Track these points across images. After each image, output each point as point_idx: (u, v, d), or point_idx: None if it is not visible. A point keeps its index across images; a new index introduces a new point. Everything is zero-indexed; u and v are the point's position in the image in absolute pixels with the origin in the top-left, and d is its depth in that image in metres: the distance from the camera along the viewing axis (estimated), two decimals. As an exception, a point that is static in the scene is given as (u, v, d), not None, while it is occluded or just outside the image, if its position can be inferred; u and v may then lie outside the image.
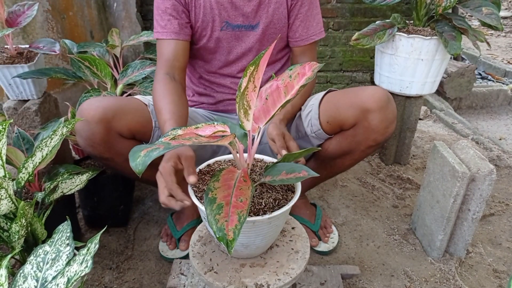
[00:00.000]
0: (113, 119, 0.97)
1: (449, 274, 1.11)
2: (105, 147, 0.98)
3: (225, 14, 1.07)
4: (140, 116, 1.04)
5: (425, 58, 1.40)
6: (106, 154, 1.01)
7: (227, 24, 1.08)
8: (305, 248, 0.81)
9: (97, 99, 1.01)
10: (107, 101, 0.99)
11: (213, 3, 1.05)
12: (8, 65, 1.14)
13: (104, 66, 1.19)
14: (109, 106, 0.97)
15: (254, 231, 0.71)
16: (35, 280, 0.66)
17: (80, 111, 0.97)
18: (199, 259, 0.81)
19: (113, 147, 0.99)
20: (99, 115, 0.95)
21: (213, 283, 0.75)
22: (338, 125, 1.05)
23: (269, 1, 1.08)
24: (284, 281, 0.74)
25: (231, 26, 1.09)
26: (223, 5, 1.06)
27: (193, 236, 0.89)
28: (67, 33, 1.79)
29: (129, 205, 1.34)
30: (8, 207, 0.79)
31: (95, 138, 0.96)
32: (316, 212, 1.27)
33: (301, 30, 1.12)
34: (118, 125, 0.98)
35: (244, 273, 0.77)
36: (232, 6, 1.06)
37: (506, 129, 2.23)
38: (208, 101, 1.23)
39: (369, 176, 1.60)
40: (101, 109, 0.95)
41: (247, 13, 1.08)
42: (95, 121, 0.95)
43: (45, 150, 0.88)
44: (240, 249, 0.75)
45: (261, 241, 0.74)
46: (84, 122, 0.95)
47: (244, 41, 1.12)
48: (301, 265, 0.77)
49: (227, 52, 1.13)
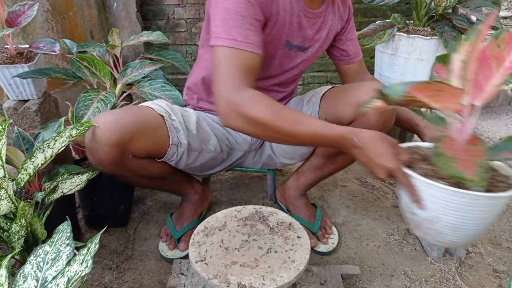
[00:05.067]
0: (129, 142, 0.92)
1: (449, 274, 1.11)
2: (117, 166, 0.96)
3: (290, 34, 1.03)
4: (157, 135, 0.99)
5: (425, 58, 1.40)
6: (117, 172, 0.99)
7: (288, 44, 1.05)
8: (302, 260, 0.80)
9: (113, 117, 0.91)
10: (124, 121, 0.92)
11: (286, 21, 1.00)
12: (8, 65, 1.14)
13: (103, 66, 1.19)
14: (127, 128, 0.91)
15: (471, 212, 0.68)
16: (35, 280, 0.66)
17: (94, 129, 0.90)
18: (196, 248, 0.82)
19: (126, 166, 0.98)
20: (116, 139, 0.89)
21: (200, 273, 0.76)
22: (336, 122, 1.05)
23: (325, 26, 1.09)
24: (268, 287, 0.74)
25: (290, 46, 1.06)
26: (292, 24, 1.02)
27: (199, 226, 0.90)
28: (67, 33, 1.79)
29: (129, 205, 1.34)
30: (8, 207, 0.79)
31: (109, 160, 0.93)
32: (316, 213, 1.27)
33: (353, 48, 1.18)
34: (135, 147, 0.94)
35: (232, 270, 0.77)
36: (299, 27, 1.04)
37: (506, 129, 2.23)
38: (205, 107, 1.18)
39: (369, 176, 1.60)
40: (118, 132, 0.90)
41: (307, 36, 1.07)
42: (111, 144, 0.90)
43: (48, 151, 0.87)
44: (446, 231, 0.72)
45: (473, 227, 0.70)
46: (97, 143, 0.90)
47: (292, 60, 1.10)
48: (292, 275, 0.76)
49: (274, 68, 1.10)
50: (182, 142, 1.04)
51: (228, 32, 0.86)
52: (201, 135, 1.09)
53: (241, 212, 0.96)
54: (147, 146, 0.98)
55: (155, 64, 1.29)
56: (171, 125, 1.02)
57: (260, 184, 1.54)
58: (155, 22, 2.27)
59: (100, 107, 1.06)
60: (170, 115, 1.03)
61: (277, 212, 0.96)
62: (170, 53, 1.55)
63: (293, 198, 1.27)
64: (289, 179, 1.30)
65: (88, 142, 0.93)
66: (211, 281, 0.75)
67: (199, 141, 1.08)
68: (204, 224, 0.90)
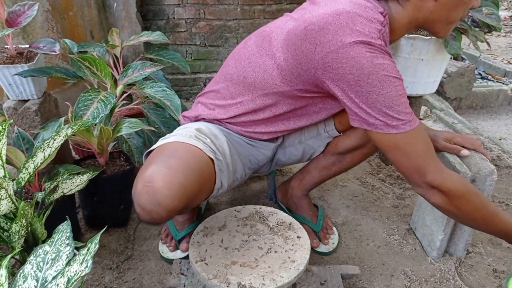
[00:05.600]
0: (185, 207, 0.83)
1: (449, 274, 1.11)
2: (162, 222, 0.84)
3: None
4: (210, 186, 0.92)
5: (425, 58, 1.40)
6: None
7: None
8: (303, 260, 0.80)
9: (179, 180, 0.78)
10: (188, 183, 0.80)
11: None
12: (8, 65, 1.14)
13: (104, 66, 1.19)
14: (193, 193, 0.82)
15: None
16: (35, 280, 0.66)
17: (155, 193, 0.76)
18: (196, 248, 0.82)
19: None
20: (183, 205, 0.80)
21: (200, 273, 0.76)
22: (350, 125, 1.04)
23: None
24: (268, 287, 0.74)
25: None
26: None
27: (199, 226, 0.90)
28: (67, 33, 1.79)
29: (129, 205, 1.34)
30: (8, 207, 0.79)
31: (159, 219, 0.80)
32: (318, 213, 1.27)
33: None
34: (193, 205, 0.89)
35: (232, 270, 0.77)
36: None
37: (506, 129, 2.23)
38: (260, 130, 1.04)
39: (369, 176, 1.60)
40: (185, 199, 0.79)
41: None
42: (176, 210, 0.79)
43: (47, 151, 0.88)
44: None
45: None
46: (160, 208, 0.77)
47: None
48: (292, 275, 0.76)
49: None
50: (224, 185, 0.96)
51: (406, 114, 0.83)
52: (233, 168, 1.01)
53: (241, 212, 0.96)
54: (202, 199, 0.92)
55: (156, 66, 1.29)
56: (218, 170, 0.93)
57: (260, 184, 1.54)
58: (155, 22, 2.27)
59: (100, 107, 1.06)
60: (216, 154, 0.94)
61: (277, 212, 0.96)
62: (170, 53, 1.55)
63: (296, 198, 1.27)
64: (292, 178, 1.30)
65: (145, 204, 0.78)
66: (211, 281, 0.75)
67: (233, 176, 1.02)
68: (204, 224, 0.91)
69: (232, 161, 1.00)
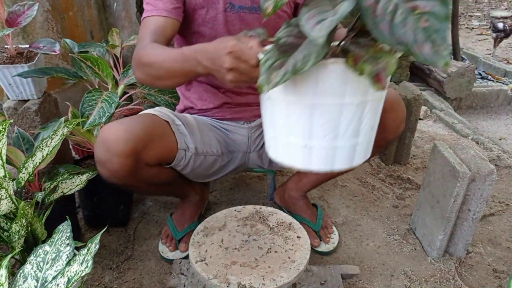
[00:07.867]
0: (143, 150, 0.90)
1: (449, 274, 1.11)
2: (130, 177, 0.93)
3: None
4: (166, 141, 0.99)
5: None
6: (129, 182, 0.97)
7: (230, 5, 0.97)
8: (303, 260, 0.80)
9: (123, 127, 0.89)
10: (135, 130, 0.89)
11: None
12: (8, 65, 1.14)
13: (105, 66, 1.19)
14: (139, 136, 0.89)
15: None
16: (35, 280, 0.66)
17: (105, 141, 0.87)
18: (196, 248, 0.82)
19: (139, 176, 0.96)
20: (130, 148, 0.87)
21: (200, 273, 0.76)
22: None
23: None
24: (268, 287, 0.74)
25: (233, 7, 0.97)
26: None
27: (199, 226, 0.90)
28: (67, 33, 1.79)
29: (129, 205, 1.34)
30: (8, 207, 0.79)
31: (122, 171, 0.89)
32: (317, 213, 1.27)
33: None
34: (147, 156, 0.92)
35: (232, 270, 0.77)
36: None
37: (506, 129, 2.23)
38: (198, 107, 1.14)
39: (369, 176, 1.60)
40: (132, 141, 0.87)
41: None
42: (125, 154, 0.87)
43: (45, 150, 0.88)
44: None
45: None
46: (111, 154, 0.87)
47: (248, 26, 0.99)
48: (292, 275, 0.76)
49: None
50: (189, 146, 1.03)
51: (145, 11, 0.96)
52: (204, 139, 1.08)
53: (241, 212, 0.96)
54: (159, 153, 0.96)
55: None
56: (177, 130, 1.01)
57: (260, 184, 1.54)
58: (155, 22, 2.26)
59: (105, 107, 1.06)
60: (174, 121, 1.03)
61: (277, 212, 0.96)
62: (170, 53, 1.54)
63: (294, 199, 1.27)
64: (289, 181, 1.29)
65: (100, 155, 0.89)
66: (211, 281, 0.75)
67: (203, 145, 1.08)
68: (204, 224, 0.91)
69: (200, 132, 1.07)
